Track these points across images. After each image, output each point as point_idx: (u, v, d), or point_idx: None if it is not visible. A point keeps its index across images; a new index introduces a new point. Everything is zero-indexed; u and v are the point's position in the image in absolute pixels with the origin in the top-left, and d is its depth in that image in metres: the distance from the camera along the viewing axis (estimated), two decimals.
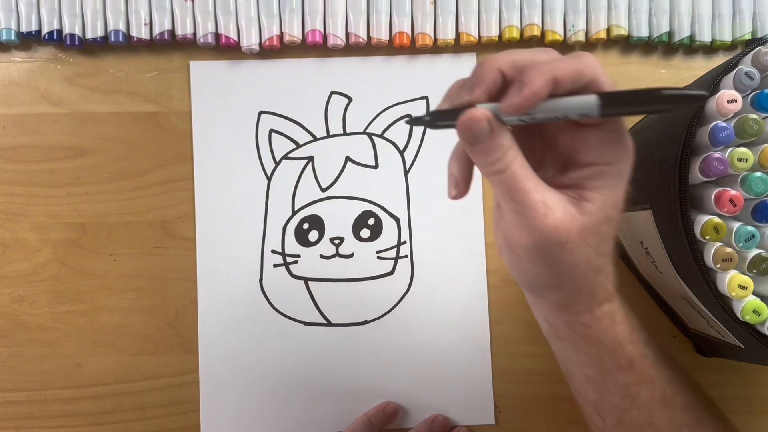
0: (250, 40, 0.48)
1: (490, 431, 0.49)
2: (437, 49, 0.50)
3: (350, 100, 0.50)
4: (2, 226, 0.49)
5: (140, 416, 0.48)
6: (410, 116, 0.28)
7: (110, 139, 0.49)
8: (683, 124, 0.34)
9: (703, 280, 0.33)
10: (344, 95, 0.50)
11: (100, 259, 0.49)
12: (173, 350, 0.49)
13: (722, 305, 0.34)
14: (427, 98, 0.50)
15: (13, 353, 0.48)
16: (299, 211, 0.49)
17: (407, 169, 0.50)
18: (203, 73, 0.50)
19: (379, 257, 0.49)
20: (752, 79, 0.33)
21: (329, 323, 0.49)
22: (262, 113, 0.50)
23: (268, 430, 0.48)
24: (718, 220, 0.33)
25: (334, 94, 0.50)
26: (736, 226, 0.33)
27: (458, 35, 0.49)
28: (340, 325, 0.49)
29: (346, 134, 0.50)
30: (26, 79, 0.49)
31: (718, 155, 0.33)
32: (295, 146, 0.50)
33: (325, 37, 0.49)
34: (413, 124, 0.30)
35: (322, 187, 0.49)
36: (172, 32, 0.49)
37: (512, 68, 0.27)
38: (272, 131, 0.50)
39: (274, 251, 0.49)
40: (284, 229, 0.49)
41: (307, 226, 0.49)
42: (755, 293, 0.33)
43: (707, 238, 0.33)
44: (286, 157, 0.50)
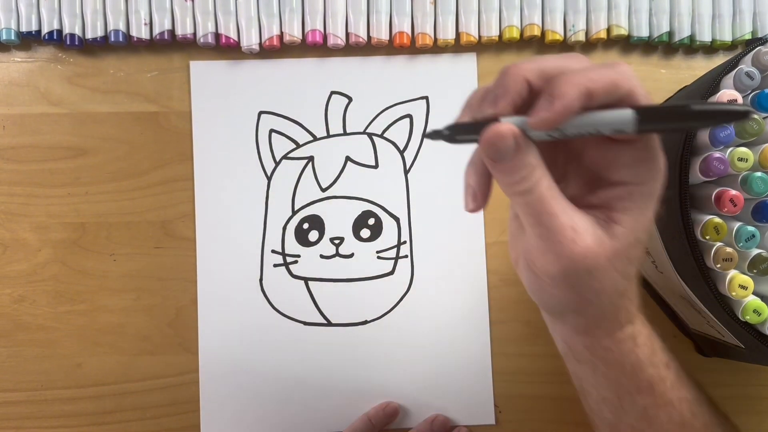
0: (250, 39, 0.48)
1: (490, 431, 0.49)
2: (437, 49, 0.50)
3: (350, 100, 0.50)
4: (2, 226, 0.49)
5: (140, 416, 0.48)
6: (430, 131, 0.27)
7: (110, 139, 0.49)
8: None
9: (703, 280, 0.33)
10: (344, 95, 0.50)
11: (100, 259, 0.49)
12: (173, 350, 0.49)
13: (722, 305, 0.34)
14: (427, 98, 0.50)
15: (13, 353, 0.48)
16: (299, 211, 0.49)
17: (407, 169, 0.50)
18: (203, 73, 0.50)
19: (379, 257, 0.49)
20: (752, 78, 0.33)
21: (329, 323, 0.49)
22: (262, 113, 0.50)
23: (268, 430, 0.48)
24: (718, 219, 0.33)
25: (334, 93, 0.50)
26: (736, 225, 0.33)
27: (458, 35, 0.49)
28: (340, 325, 0.49)
29: (346, 134, 0.50)
30: (26, 79, 0.49)
31: (718, 155, 0.33)
32: (295, 146, 0.50)
33: (325, 36, 0.49)
34: (431, 138, 0.27)
35: (322, 187, 0.49)
36: (172, 32, 0.49)
37: (540, 77, 0.25)
38: (272, 131, 0.50)
39: (274, 251, 0.49)
40: (284, 229, 0.49)
41: (307, 226, 0.49)
42: (755, 293, 0.33)
43: (707, 237, 0.33)
44: (286, 157, 0.50)
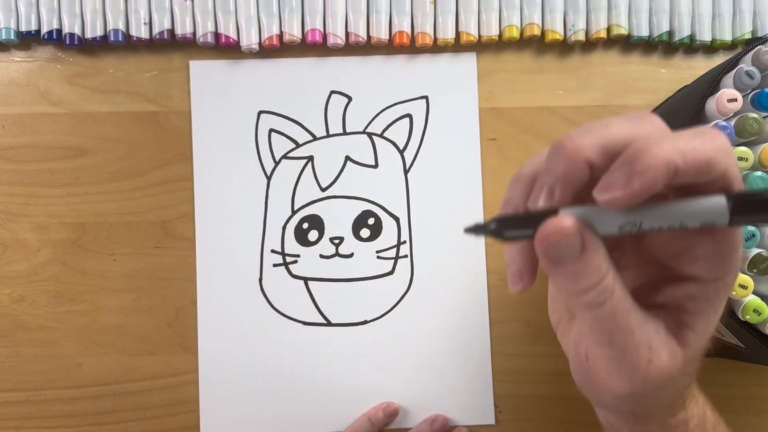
0: (249, 39, 0.48)
1: (490, 431, 0.49)
2: (437, 48, 0.50)
3: (350, 99, 0.50)
4: (2, 226, 0.49)
5: (140, 416, 0.48)
6: (472, 225, 0.22)
7: (110, 139, 0.49)
8: (684, 123, 0.34)
9: None
10: (344, 95, 0.50)
11: (100, 259, 0.49)
12: (173, 350, 0.49)
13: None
14: (427, 98, 0.50)
15: (13, 353, 0.48)
16: (299, 210, 0.49)
17: (407, 168, 0.50)
18: (203, 72, 0.49)
19: (379, 257, 0.49)
20: (752, 78, 0.33)
21: (329, 323, 0.49)
22: (261, 113, 0.50)
23: (267, 430, 0.48)
24: None
25: (333, 93, 0.50)
26: None
27: (458, 35, 0.49)
28: (340, 325, 0.49)
29: (345, 134, 0.50)
30: (26, 78, 0.49)
31: None
32: (294, 146, 0.50)
33: (324, 36, 0.49)
34: (475, 233, 0.22)
35: (321, 186, 0.49)
36: (171, 32, 0.48)
37: (604, 155, 0.20)
38: (272, 131, 0.50)
39: (273, 251, 0.49)
40: (284, 228, 0.49)
41: (306, 225, 0.49)
42: (755, 293, 0.33)
43: None
44: (285, 156, 0.50)
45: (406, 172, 0.50)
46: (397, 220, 0.49)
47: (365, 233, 0.49)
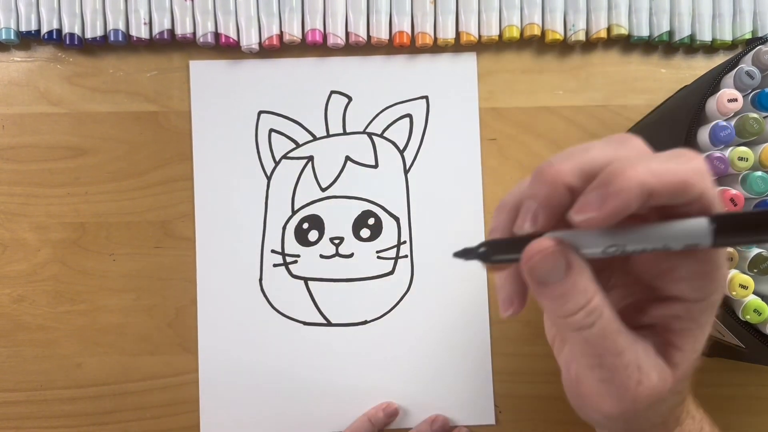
0: (249, 39, 0.48)
1: (490, 431, 0.49)
2: (437, 48, 0.50)
3: (350, 99, 0.50)
4: (2, 226, 0.49)
5: (140, 416, 0.48)
6: (461, 249, 0.23)
7: (110, 138, 0.49)
8: (684, 123, 0.34)
9: None
10: (344, 95, 0.50)
11: (99, 259, 0.49)
12: (173, 350, 0.49)
13: (723, 305, 0.34)
14: (427, 98, 0.50)
15: (12, 353, 0.48)
16: (299, 210, 0.49)
17: (407, 168, 0.50)
18: (203, 72, 0.49)
19: (379, 257, 0.49)
20: (753, 78, 0.33)
21: (329, 323, 0.49)
22: (261, 113, 0.50)
23: (267, 430, 0.48)
24: None
25: (333, 93, 0.50)
26: None
27: (458, 34, 0.49)
28: (340, 325, 0.49)
29: (345, 134, 0.50)
30: (26, 78, 0.49)
31: (718, 154, 0.33)
32: (294, 146, 0.50)
33: (324, 36, 0.49)
34: (464, 257, 0.23)
35: (321, 186, 0.49)
36: (171, 32, 0.48)
37: (584, 180, 0.20)
38: (272, 131, 0.49)
39: (273, 251, 0.49)
40: (284, 228, 0.49)
41: (306, 225, 0.49)
42: (756, 293, 0.33)
43: None
44: (285, 156, 0.49)
45: (406, 172, 0.50)
46: (397, 220, 0.49)
47: (365, 233, 0.49)
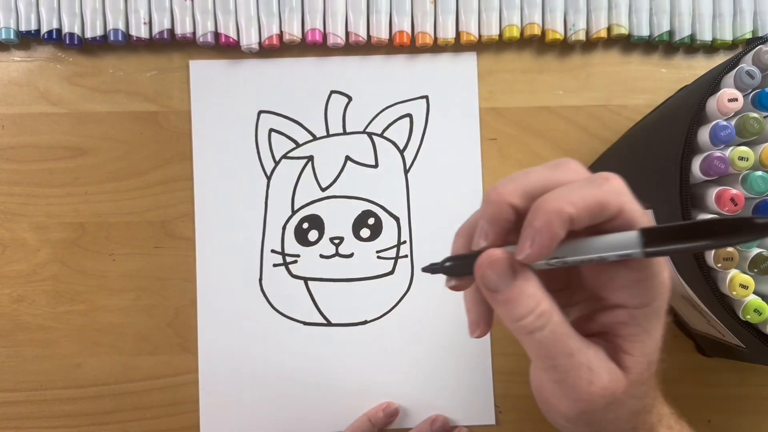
0: (249, 39, 0.48)
1: (490, 431, 0.49)
2: (437, 48, 0.50)
3: (350, 99, 0.50)
4: (1, 225, 0.49)
5: (140, 416, 0.48)
6: (427, 265, 0.27)
7: (109, 138, 0.49)
8: (684, 123, 0.34)
9: (704, 279, 0.33)
10: (344, 94, 0.50)
11: (99, 259, 0.49)
12: (173, 350, 0.49)
13: (723, 305, 0.34)
14: (427, 97, 0.50)
15: (12, 353, 0.48)
16: (299, 210, 0.49)
17: (407, 168, 0.50)
18: (203, 72, 0.49)
19: (379, 257, 0.49)
20: (753, 77, 0.33)
21: (329, 323, 0.49)
22: (261, 112, 0.50)
23: (267, 430, 0.48)
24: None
25: (333, 93, 0.50)
26: None
27: (458, 34, 0.49)
28: (340, 325, 0.49)
29: (345, 133, 0.50)
30: (25, 78, 0.49)
31: (719, 154, 0.33)
32: (294, 145, 0.50)
33: (324, 36, 0.49)
34: (429, 272, 0.26)
35: (321, 186, 0.49)
36: (171, 31, 0.48)
37: (524, 200, 0.23)
38: (272, 130, 0.49)
39: (273, 251, 0.49)
40: (284, 228, 0.49)
41: (306, 225, 0.49)
42: (756, 292, 0.33)
43: None
44: (285, 156, 0.49)
45: (406, 172, 0.50)
46: (397, 220, 0.49)
47: (365, 233, 0.49)
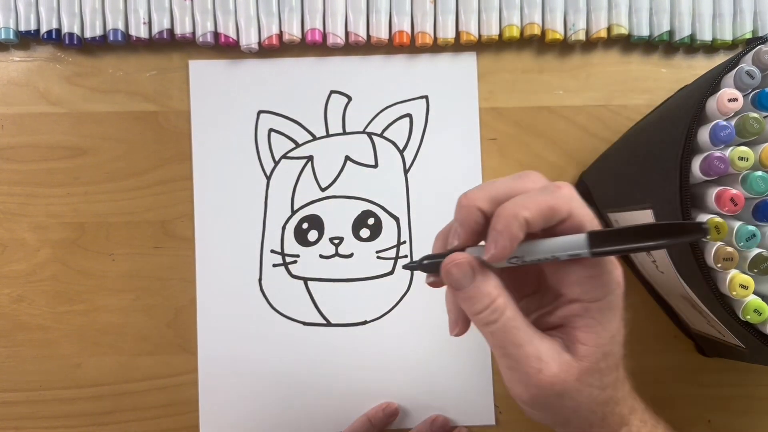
0: (249, 39, 0.48)
1: (490, 431, 0.49)
2: (437, 48, 0.50)
3: (350, 99, 0.50)
4: (1, 225, 0.49)
5: (139, 416, 0.48)
6: (408, 263, 0.31)
7: (109, 138, 0.49)
8: (684, 123, 0.34)
9: (703, 279, 0.33)
10: (344, 94, 0.50)
11: (99, 259, 0.49)
12: (172, 350, 0.48)
13: (723, 305, 0.34)
14: (426, 97, 0.50)
15: (12, 353, 0.48)
16: (299, 210, 0.49)
17: (407, 168, 0.50)
18: (202, 72, 0.49)
19: (378, 257, 0.49)
20: (753, 77, 0.33)
21: (329, 323, 0.49)
22: (261, 112, 0.49)
23: (266, 430, 0.48)
24: (719, 219, 0.33)
25: (333, 93, 0.50)
26: (736, 225, 0.33)
27: (458, 34, 0.49)
28: (339, 325, 0.49)
29: (345, 133, 0.50)
30: (25, 78, 0.49)
31: (718, 154, 0.33)
32: (294, 145, 0.49)
33: (324, 36, 0.49)
34: (410, 269, 0.29)
35: (321, 186, 0.49)
36: (171, 31, 0.48)
37: (490, 204, 0.27)
38: (271, 130, 0.49)
39: (273, 251, 0.49)
40: (283, 228, 0.49)
41: (306, 225, 0.49)
42: (756, 293, 0.33)
43: (708, 237, 0.33)
44: (285, 156, 0.49)
45: (406, 172, 0.50)
46: (397, 220, 0.49)
47: (365, 233, 0.49)
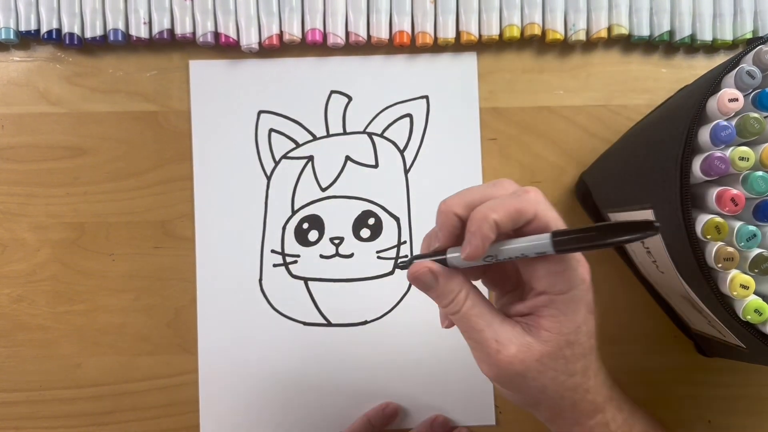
0: (249, 39, 0.48)
1: (490, 431, 0.49)
2: (437, 48, 0.50)
3: (350, 99, 0.50)
4: (1, 225, 0.49)
5: (139, 416, 0.48)
6: (401, 262, 0.34)
7: (109, 138, 0.49)
8: (684, 123, 0.34)
9: (704, 279, 0.33)
10: (344, 94, 0.50)
11: (99, 259, 0.49)
12: (172, 350, 0.48)
13: (724, 305, 0.34)
14: (427, 97, 0.50)
15: (12, 353, 0.48)
16: (299, 210, 0.49)
17: (407, 168, 0.50)
18: (203, 72, 0.49)
19: (379, 257, 0.49)
20: (753, 77, 0.33)
21: (329, 323, 0.49)
22: (261, 112, 0.49)
23: (267, 430, 0.48)
24: (719, 219, 0.33)
25: (333, 93, 0.50)
26: (737, 225, 0.33)
27: (458, 34, 0.49)
28: (340, 325, 0.49)
29: (345, 133, 0.50)
30: (25, 78, 0.49)
31: (719, 154, 0.32)
32: (294, 145, 0.49)
33: (324, 36, 0.49)
34: (400, 268, 0.33)
35: (321, 186, 0.49)
36: (171, 31, 0.48)
37: (466, 209, 0.30)
38: (272, 130, 0.49)
39: (273, 251, 0.49)
40: (284, 228, 0.49)
41: (306, 225, 0.49)
42: (756, 293, 0.33)
43: (709, 237, 0.33)
44: (285, 156, 0.49)
45: (406, 172, 0.50)
46: (397, 220, 0.49)
47: (365, 233, 0.49)
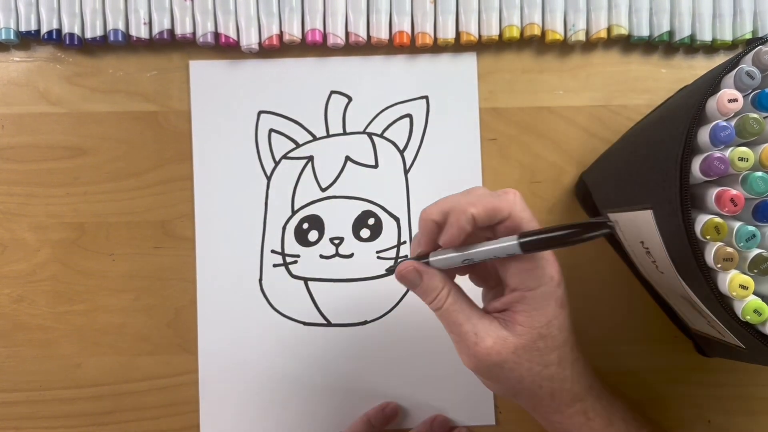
0: (249, 39, 0.48)
1: (490, 431, 0.49)
2: (437, 48, 0.50)
3: (350, 99, 0.50)
4: (1, 225, 0.49)
5: (139, 417, 0.48)
6: (391, 266, 0.37)
7: (109, 138, 0.49)
8: (684, 123, 0.34)
9: (703, 279, 0.33)
10: (344, 95, 0.50)
11: (99, 259, 0.49)
12: (172, 350, 0.49)
13: (723, 305, 0.34)
14: (427, 98, 0.50)
15: (12, 353, 0.48)
16: (299, 210, 0.49)
17: (407, 168, 0.50)
18: (203, 72, 0.49)
19: (379, 257, 0.49)
20: (753, 78, 0.33)
21: (329, 323, 0.49)
22: (261, 113, 0.50)
23: (267, 430, 0.48)
24: (718, 219, 0.33)
25: (333, 93, 0.50)
26: (736, 225, 0.33)
27: (458, 34, 0.49)
28: (340, 325, 0.49)
29: (345, 134, 0.50)
30: (25, 78, 0.49)
31: (718, 155, 0.32)
32: (294, 146, 0.50)
33: (324, 36, 0.49)
34: (388, 272, 0.36)
35: (321, 186, 0.49)
36: (171, 31, 0.48)
37: (441, 215, 0.32)
38: (272, 131, 0.49)
39: (273, 251, 0.49)
40: (284, 228, 0.49)
41: (306, 225, 0.49)
42: (756, 293, 0.33)
43: (708, 237, 0.33)
44: (285, 156, 0.49)
45: (406, 172, 0.50)
46: (397, 220, 0.49)
47: (365, 233, 0.49)
